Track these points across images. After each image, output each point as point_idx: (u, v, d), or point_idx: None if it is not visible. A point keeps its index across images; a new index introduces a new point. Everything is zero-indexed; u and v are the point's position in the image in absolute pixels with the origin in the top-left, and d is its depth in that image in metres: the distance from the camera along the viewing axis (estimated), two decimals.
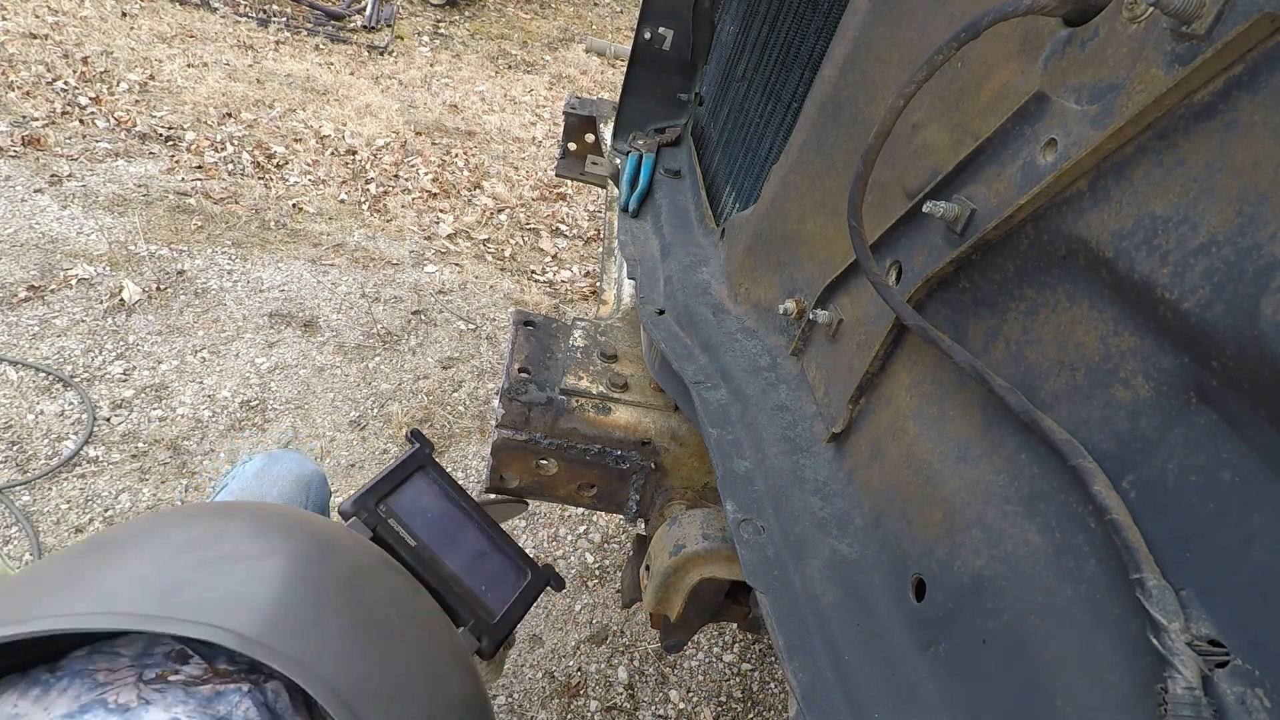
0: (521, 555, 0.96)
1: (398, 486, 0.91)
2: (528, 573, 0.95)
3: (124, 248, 3.28)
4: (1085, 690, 0.56)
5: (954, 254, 0.75)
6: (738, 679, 2.34)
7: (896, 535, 0.82)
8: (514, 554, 0.95)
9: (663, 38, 1.89)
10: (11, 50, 4.50)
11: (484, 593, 0.88)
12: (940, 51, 0.69)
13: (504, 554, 0.95)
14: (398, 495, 0.91)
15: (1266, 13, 0.47)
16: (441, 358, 3.20)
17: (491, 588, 0.90)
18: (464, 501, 0.96)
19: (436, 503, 0.94)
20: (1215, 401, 0.52)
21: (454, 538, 0.92)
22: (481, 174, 4.67)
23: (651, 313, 1.34)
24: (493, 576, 0.92)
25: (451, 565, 0.87)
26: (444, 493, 0.96)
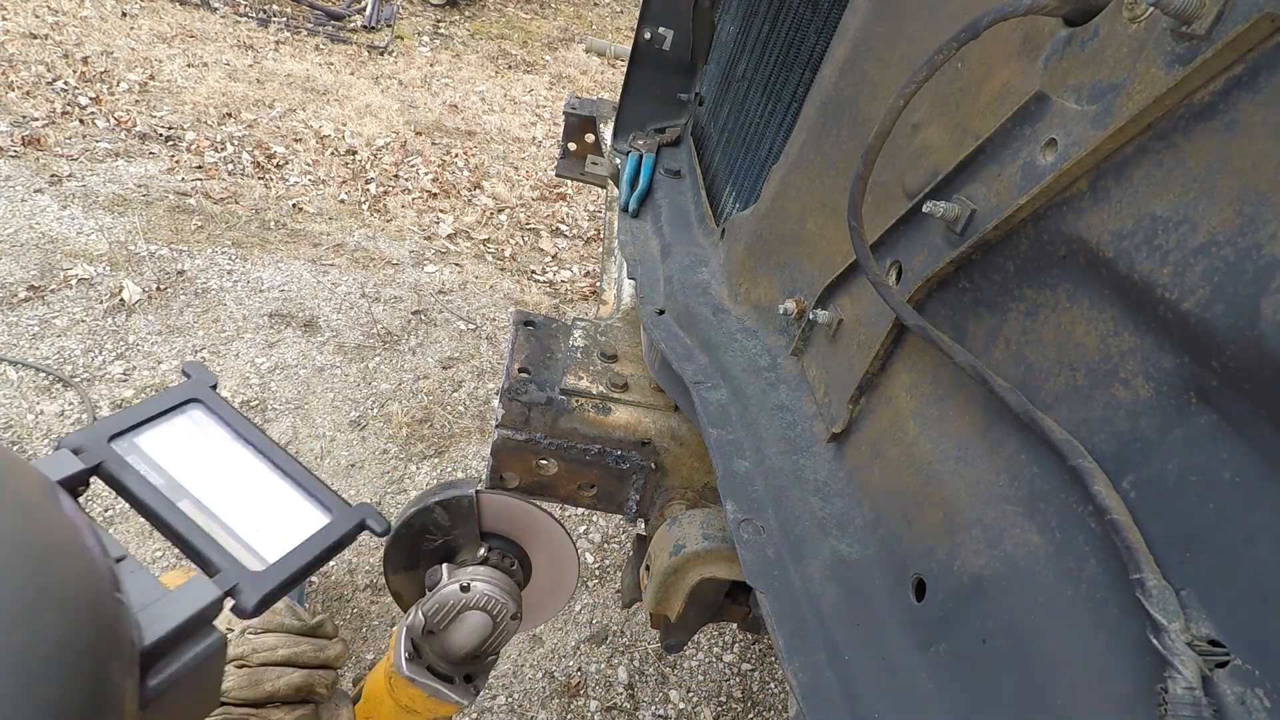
0: (328, 496, 0.80)
1: (152, 419, 0.77)
2: (331, 512, 0.78)
3: (124, 248, 3.28)
4: (1085, 690, 0.56)
5: (954, 254, 0.75)
6: (738, 679, 2.34)
7: (897, 535, 0.82)
8: (316, 493, 0.79)
9: (663, 38, 1.89)
10: (11, 50, 4.50)
11: (256, 537, 0.73)
12: (940, 51, 0.69)
13: (300, 492, 0.79)
14: (150, 428, 0.77)
15: (1267, 13, 0.47)
16: (441, 358, 3.20)
17: (268, 532, 0.74)
18: (251, 437, 0.81)
19: (207, 438, 0.80)
20: (1215, 401, 0.52)
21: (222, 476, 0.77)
22: (481, 174, 4.67)
23: (651, 313, 1.34)
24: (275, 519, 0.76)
25: (212, 505, 0.73)
26: (223, 425, 0.81)
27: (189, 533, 0.69)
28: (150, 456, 0.74)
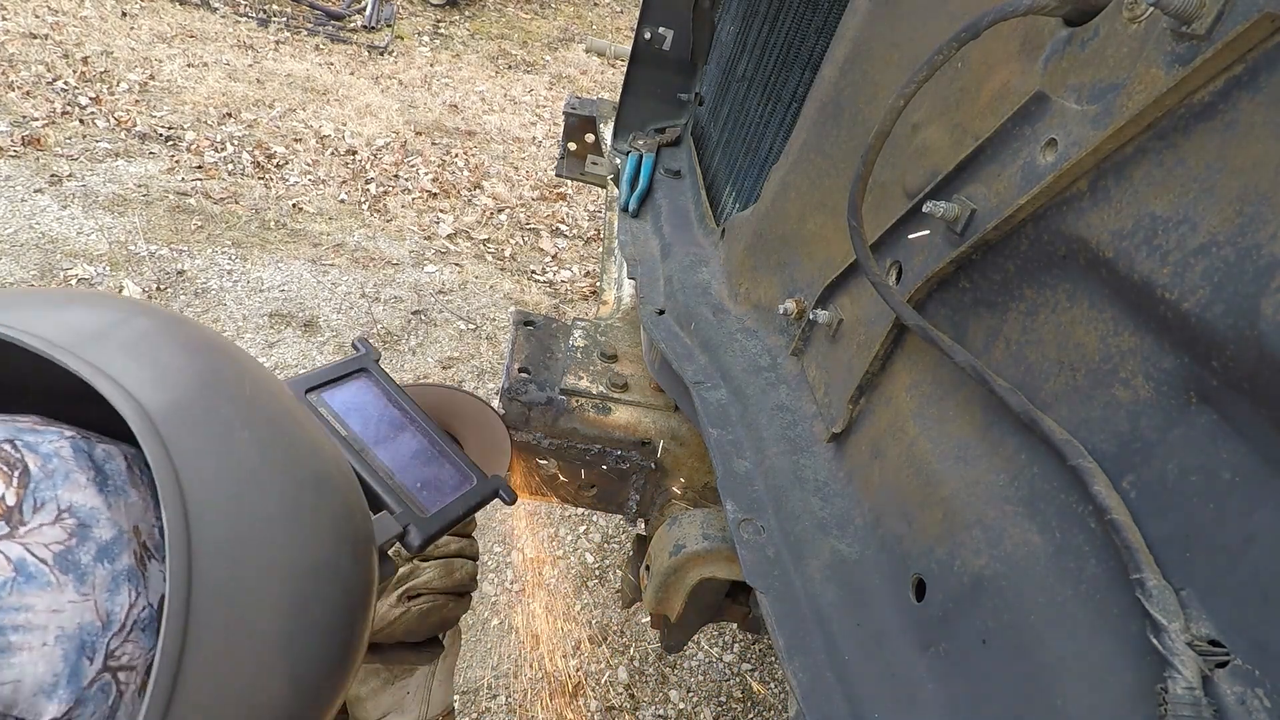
0: (469, 463, 0.93)
1: (333, 382, 0.88)
2: (473, 479, 0.91)
3: (124, 248, 3.28)
4: (1085, 690, 0.56)
5: (954, 254, 0.75)
6: (738, 679, 2.34)
7: (896, 535, 0.82)
8: (460, 460, 0.92)
9: (663, 38, 1.89)
10: (11, 50, 4.50)
11: (419, 489, 0.84)
12: (940, 51, 0.69)
13: (448, 459, 0.92)
14: (332, 389, 0.88)
15: (1266, 13, 0.47)
16: (441, 358, 3.20)
17: (429, 486, 0.86)
18: (409, 406, 0.93)
19: (375, 402, 0.91)
20: (1215, 401, 0.52)
21: (390, 437, 0.88)
22: (481, 174, 4.67)
23: (651, 313, 1.34)
24: (431, 477, 0.88)
25: (385, 460, 0.84)
26: (385, 394, 0.93)
27: (372, 479, 0.80)
28: (336, 411, 0.86)
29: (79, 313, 0.50)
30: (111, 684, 0.44)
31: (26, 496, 0.44)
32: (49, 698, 0.41)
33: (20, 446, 0.46)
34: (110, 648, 0.44)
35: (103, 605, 0.44)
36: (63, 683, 0.42)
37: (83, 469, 0.47)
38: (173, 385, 0.48)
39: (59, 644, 0.42)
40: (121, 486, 0.49)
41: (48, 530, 0.44)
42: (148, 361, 0.48)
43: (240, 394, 0.52)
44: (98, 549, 0.45)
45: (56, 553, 0.43)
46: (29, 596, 0.41)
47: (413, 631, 0.99)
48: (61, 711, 0.42)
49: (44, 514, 0.44)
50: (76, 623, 0.43)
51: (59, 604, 0.42)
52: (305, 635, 0.48)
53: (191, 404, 0.48)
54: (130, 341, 0.49)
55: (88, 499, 0.46)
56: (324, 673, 0.51)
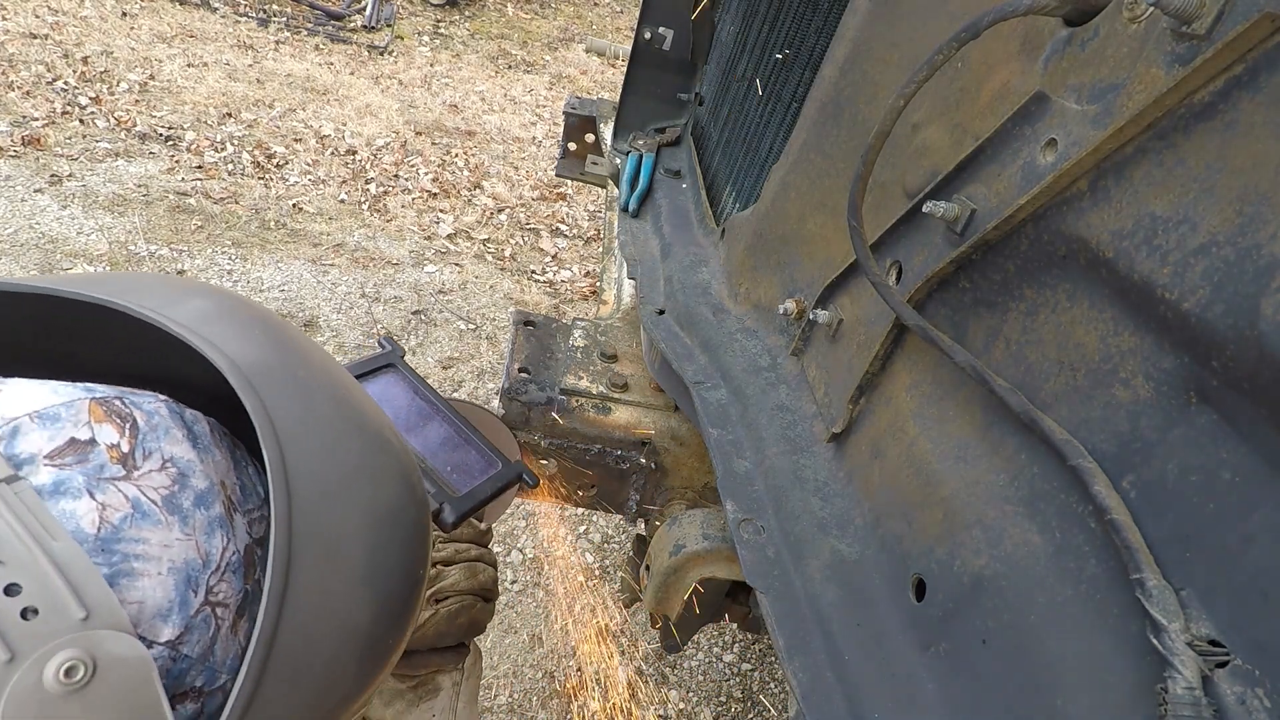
0: (493, 449, 0.98)
1: (362, 377, 0.93)
2: (498, 464, 0.97)
3: (124, 248, 3.28)
4: (1085, 690, 0.56)
5: (954, 254, 0.75)
6: (738, 679, 2.34)
7: (896, 535, 0.82)
8: (485, 447, 0.97)
9: (663, 38, 1.89)
10: (11, 50, 4.50)
11: (449, 473, 0.90)
12: (940, 51, 0.69)
13: (473, 446, 0.97)
14: (365, 383, 0.93)
15: (1266, 13, 0.47)
16: (441, 357, 3.20)
17: (457, 470, 0.92)
18: (434, 398, 0.99)
19: (403, 395, 0.96)
20: (1215, 401, 0.52)
21: (420, 426, 0.94)
22: (481, 174, 4.67)
23: (651, 313, 1.34)
24: (460, 462, 0.94)
25: (416, 446, 0.90)
26: (413, 387, 0.98)
27: None
28: None
29: (190, 300, 0.56)
30: (211, 617, 0.49)
31: (137, 445, 0.50)
32: (165, 621, 0.46)
33: (128, 403, 0.52)
34: (210, 584, 0.50)
35: (202, 545, 0.50)
36: (175, 609, 0.47)
37: (178, 426, 0.53)
38: (257, 346, 0.54)
39: (170, 575, 0.47)
40: (209, 446, 0.55)
41: (156, 475, 0.49)
42: (230, 328, 0.54)
43: (311, 360, 0.58)
44: (195, 496, 0.51)
45: (164, 495, 0.49)
46: (145, 531, 0.47)
47: (443, 634, 1.01)
48: (175, 634, 0.47)
49: (151, 461, 0.50)
50: (183, 558, 0.48)
51: (168, 540, 0.48)
52: (383, 570, 0.55)
53: (275, 364, 0.54)
54: (212, 313, 0.55)
55: (184, 452, 0.52)
56: (398, 604, 0.57)
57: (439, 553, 1.06)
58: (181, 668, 0.48)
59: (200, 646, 0.49)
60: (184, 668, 0.48)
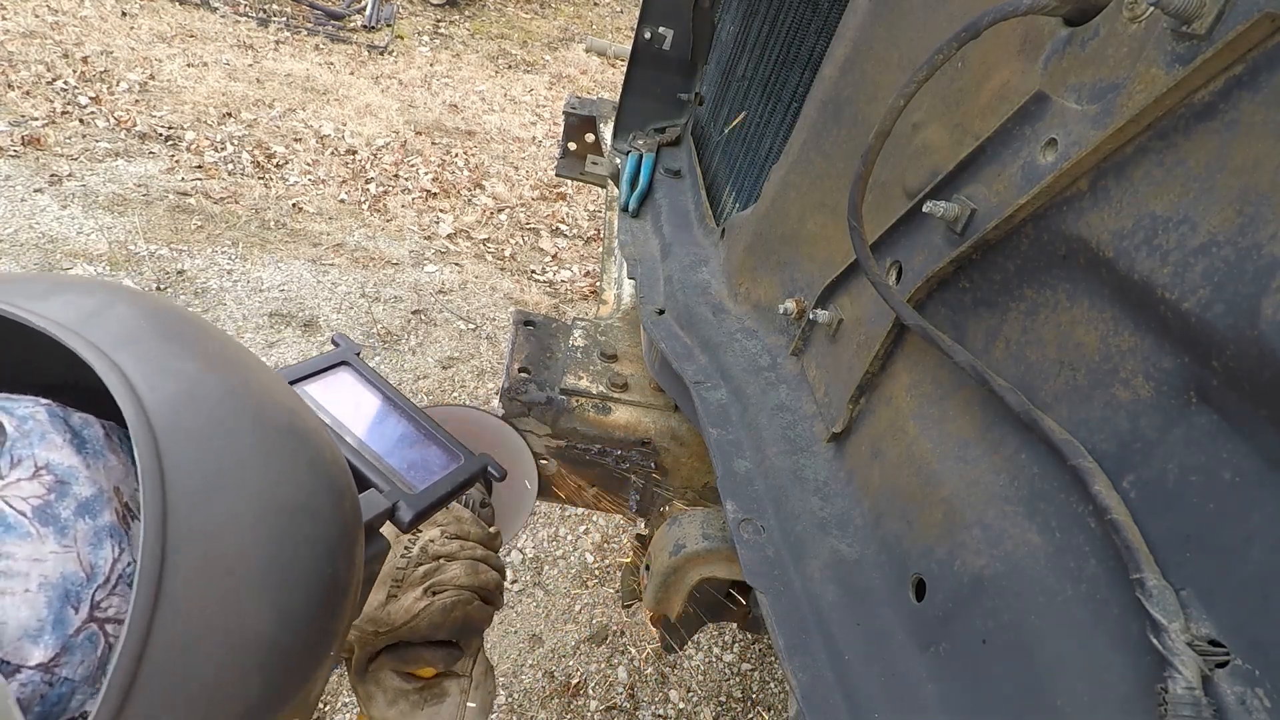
0: (456, 444, 0.94)
1: (314, 375, 0.90)
2: (461, 458, 0.92)
3: (124, 247, 3.28)
4: (1085, 690, 0.56)
5: (954, 254, 0.75)
6: (738, 679, 2.34)
7: (896, 535, 0.82)
8: (447, 442, 0.94)
9: (663, 38, 1.89)
10: (11, 50, 4.50)
11: (406, 470, 0.86)
12: (940, 51, 0.69)
13: (434, 441, 0.93)
14: (313, 381, 0.89)
15: (1266, 12, 0.47)
16: (441, 358, 3.20)
17: (416, 467, 0.88)
18: (393, 395, 0.95)
19: (358, 392, 0.93)
20: (1215, 401, 0.52)
21: (375, 423, 0.90)
22: (481, 174, 4.67)
23: (651, 313, 1.34)
24: (418, 459, 0.90)
25: (370, 443, 0.86)
26: (369, 384, 0.94)
27: (357, 461, 0.81)
28: (318, 401, 0.87)
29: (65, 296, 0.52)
30: (99, 635, 0.45)
31: (3, 453, 0.45)
32: (34, 642, 0.42)
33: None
34: (96, 599, 0.45)
35: (86, 557, 0.45)
36: (48, 628, 0.43)
37: (59, 431, 0.49)
38: (146, 348, 0.49)
39: (42, 591, 0.43)
40: (99, 451, 0.50)
41: (25, 485, 0.45)
42: (127, 333, 0.50)
43: (214, 355, 0.54)
44: (78, 504, 0.46)
45: (35, 506, 0.44)
46: (8, 545, 0.42)
47: (437, 626, 0.99)
48: (48, 657, 0.42)
49: (20, 470, 0.45)
50: (59, 572, 0.44)
51: (40, 554, 0.43)
52: (283, 568, 0.49)
53: (158, 357, 0.49)
54: (112, 319, 0.51)
55: (65, 458, 0.48)
56: (310, 609, 0.52)
57: (443, 547, 1.05)
58: (61, 692, 0.44)
59: (85, 668, 0.44)
60: (64, 691, 0.44)
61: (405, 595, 0.99)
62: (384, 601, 0.98)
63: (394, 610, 0.98)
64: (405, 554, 1.03)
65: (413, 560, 1.03)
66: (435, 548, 1.04)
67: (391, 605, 0.98)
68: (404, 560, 1.02)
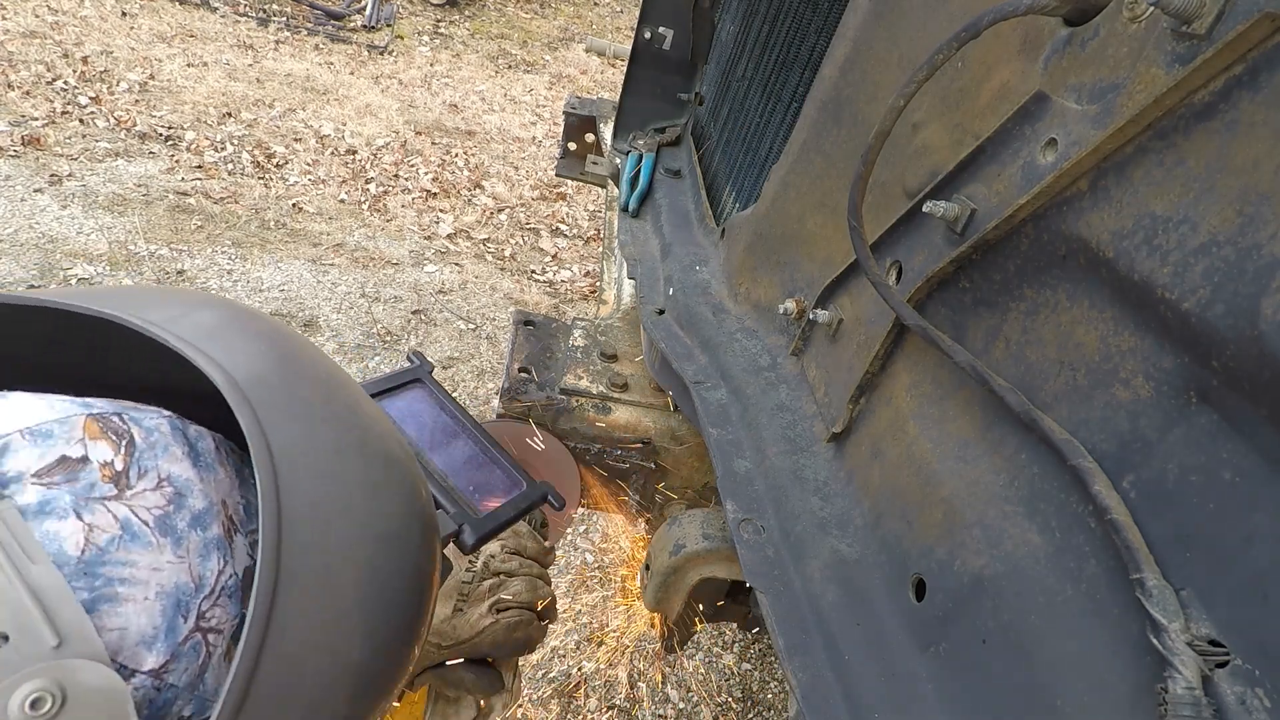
0: (519, 470, 0.97)
1: (389, 392, 0.93)
2: (523, 484, 0.95)
3: (124, 247, 3.28)
4: (1085, 690, 0.56)
5: (954, 254, 0.75)
6: (738, 679, 2.34)
7: (897, 535, 0.82)
8: (510, 467, 0.96)
9: (663, 38, 1.89)
10: (11, 50, 4.50)
11: (471, 493, 0.88)
12: (940, 51, 0.69)
13: (498, 465, 0.96)
14: (388, 398, 0.92)
15: (1266, 12, 0.47)
16: (441, 357, 3.20)
17: (480, 490, 0.90)
18: (461, 415, 0.97)
19: (429, 411, 0.96)
20: (1215, 401, 0.52)
21: (444, 443, 0.93)
22: (481, 174, 4.67)
23: (651, 313, 1.34)
24: (483, 481, 0.92)
25: (439, 464, 0.88)
26: (439, 404, 0.97)
27: (428, 481, 0.81)
28: (392, 418, 0.89)
29: (188, 311, 0.54)
30: (202, 644, 0.47)
31: (132, 464, 0.48)
32: (149, 649, 0.44)
33: (127, 419, 0.50)
34: (201, 609, 0.48)
35: (196, 568, 0.48)
36: (161, 636, 0.45)
37: (179, 444, 0.51)
38: (259, 363, 0.52)
39: (158, 600, 0.45)
40: (211, 464, 0.53)
41: (150, 495, 0.47)
42: (234, 344, 0.52)
43: (317, 376, 0.56)
44: (192, 517, 0.49)
45: (157, 516, 0.47)
46: (134, 553, 0.45)
47: (499, 644, 1.00)
48: (159, 663, 0.45)
49: (146, 480, 0.48)
50: (174, 582, 0.46)
51: (159, 563, 0.46)
52: (380, 597, 0.51)
53: (276, 382, 0.52)
54: (230, 334, 0.53)
55: (184, 471, 0.50)
56: (396, 634, 0.54)
57: (504, 564, 1.05)
58: (167, 697, 0.46)
59: (188, 675, 0.47)
60: (169, 697, 0.46)
61: (471, 610, 1.00)
62: (449, 615, 0.99)
63: (460, 625, 0.98)
64: (470, 568, 1.03)
65: (478, 575, 1.03)
66: (497, 564, 1.05)
67: (458, 619, 0.98)
68: (469, 575, 1.02)
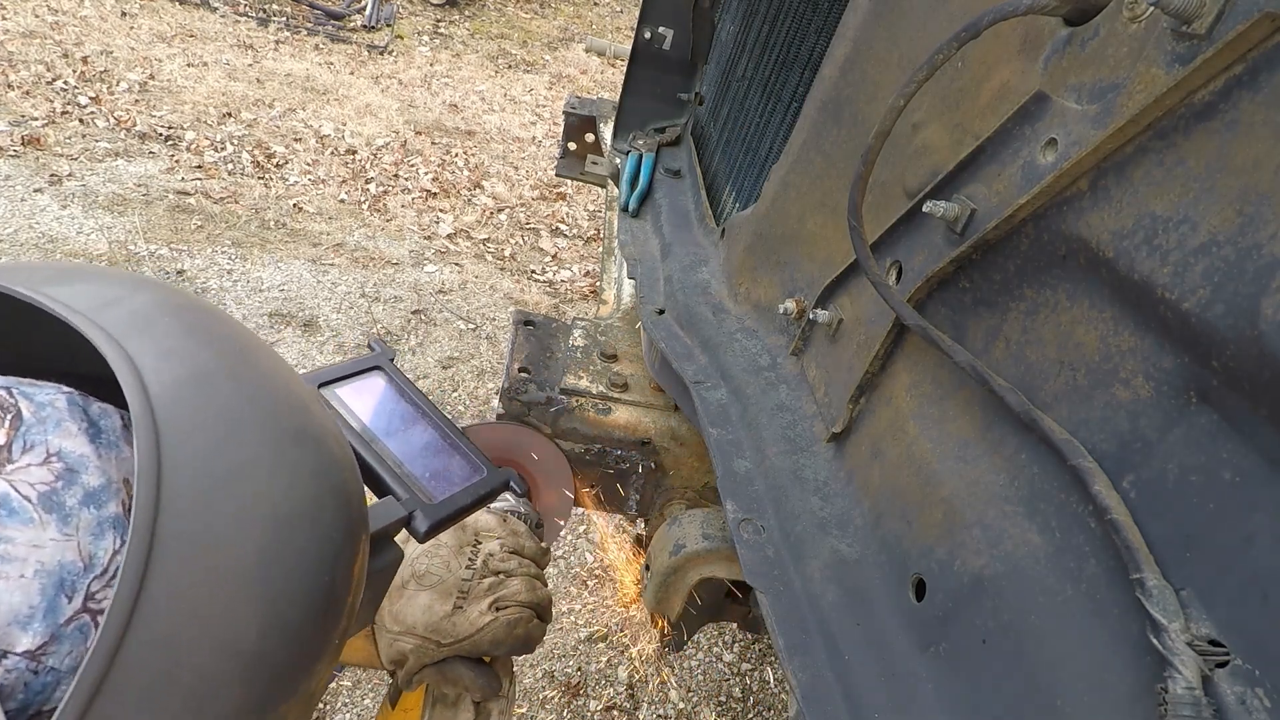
0: (481, 456, 0.94)
1: (347, 378, 0.91)
2: (484, 471, 0.93)
3: (124, 247, 3.28)
4: (1085, 690, 0.56)
5: (954, 254, 0.75)
6: (738, 679, 2.34)
7: (897, 535, 0.82)
8: (471, 453, 0.94)
9: (663, 37, 1.89)
10: (11, 50, 4.50)
11: (427, 479, 0.86)
12: (940, 51, 0.69)
13: (458, 452, 0.93)
14: (345, 384, 0.90)
15: (1266, 12, 0.47)
16: (441, 358, 3.20)
17: (438, 477, 0.87)
18: (421, 402, 0.95)
19: (388, 397, 0.93)
20: (1215, 401, 0.52)
21: (401, 429, 0.91)
22: (481, 174, 4.67)
23: (651, 313, 1.34)
24: (441, 468, 0.90)
25: (394, 450, 0.86)
26: (399, 391, 0.95)
27: (379, 466, 0.82)
28: (347, 404, 0.88)
29: (86, 284, 0.51)
30: (90, 626, 0.45)
31: (16, 438, 0.45)
32: (24, 629, 0.42)
33: (16, 394, 0.47)
34: (91, 589, 0.45)
35: (85, 547, 0.45)
36: (39, 616, 0.42)
37: (75, 419, 0.49)
38: (162, 338, 0.49)
39: (37, 578, 0.43)
40: (114, 442, 0.50)
41: (35, 470, 0.45)
42: (144, 322, 0.49)
43: (230, 351, 0.53)
44: (84, 494, 0.46)
45: (41, 492, 0.44)
46: (10, 530, 0.42)
47: (499, 642, 0.99)
48: (36, 644, 0.42)
49: (32, 455, 0.45)
50: (57, 560, 0.44)
51: (40, 540, 0.43)
52: (277, 575, 0.48)
53: (175, 352, 0.49)
54: (130, 308, 0.50)
55: (78, 447, 0.48)
56: (302, 621, 0.50)
57: (503, 563, 1.04)
58: (46, 681, 0.43)
59: (72, 658, 0.44)
60: (49, 681, 0.43)
61: (471, 608, 0.99)
62: (449, 613, 0.98)
63: (460, 622, 0.97)
64: (470, 565, 1.02)
65: (477, 573, 1.02)
66: (495, 562, 1.04)
67: (458, 617, 0.97)
68: (469, 573, 1.01)
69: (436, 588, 0.99)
